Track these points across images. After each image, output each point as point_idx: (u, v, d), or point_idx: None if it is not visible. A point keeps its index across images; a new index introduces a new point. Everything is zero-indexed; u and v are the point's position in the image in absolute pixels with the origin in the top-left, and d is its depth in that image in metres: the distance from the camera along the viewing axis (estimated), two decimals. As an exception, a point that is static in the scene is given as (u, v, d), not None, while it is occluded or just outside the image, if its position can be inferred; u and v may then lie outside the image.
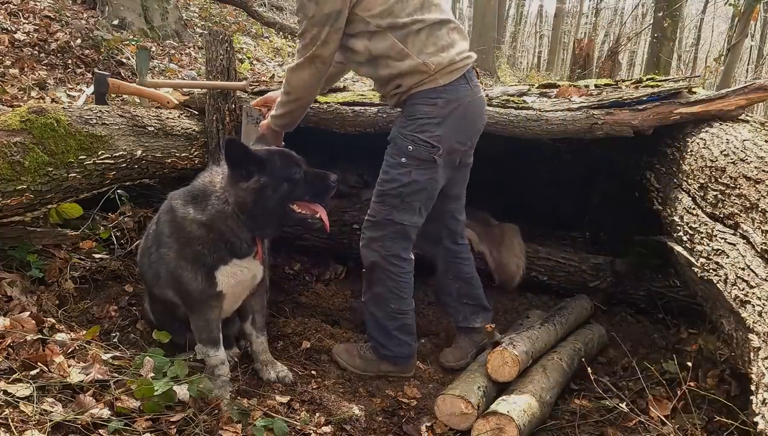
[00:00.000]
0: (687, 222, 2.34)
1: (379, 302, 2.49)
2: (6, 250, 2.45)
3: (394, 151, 2.35)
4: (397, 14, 2.18)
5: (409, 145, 2.28)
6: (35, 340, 2.01)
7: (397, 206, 2.35)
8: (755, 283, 1.79)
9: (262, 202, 2.04)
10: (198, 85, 3.46)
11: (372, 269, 2.45)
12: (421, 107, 2.27)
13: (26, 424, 1.61)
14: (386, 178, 2.36)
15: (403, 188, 2.32)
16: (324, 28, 2.17)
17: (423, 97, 2.27)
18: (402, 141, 2.30)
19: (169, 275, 2.14)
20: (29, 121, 2.40)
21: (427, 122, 2.26)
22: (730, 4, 7.79)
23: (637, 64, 18.90)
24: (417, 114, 2.28)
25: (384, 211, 2.37)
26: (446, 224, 2.69)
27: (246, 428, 1.91)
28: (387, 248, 2.41)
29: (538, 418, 2.28)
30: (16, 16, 5.11)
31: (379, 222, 2.40)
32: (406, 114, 2.33)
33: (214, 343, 2.17)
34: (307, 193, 2.11)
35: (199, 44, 6.57)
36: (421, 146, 2.28)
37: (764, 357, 1.63)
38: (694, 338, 2.81)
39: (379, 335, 2.53)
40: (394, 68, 2.24)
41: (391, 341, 2.52)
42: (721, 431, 2.08)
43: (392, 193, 2.35)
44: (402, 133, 2.31)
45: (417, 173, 2.31)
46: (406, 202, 2.34)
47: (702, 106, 2.59)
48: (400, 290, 2.47)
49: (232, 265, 2.11)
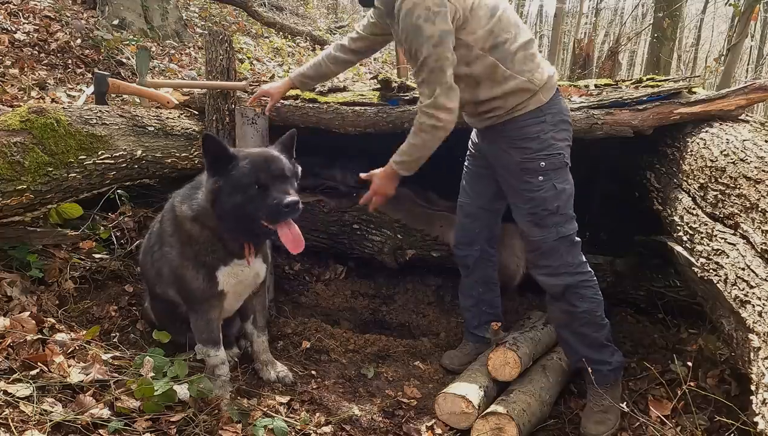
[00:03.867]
0: (687, 222, 2.34)
1: (588, 319, 2.33)
2: (6, 250, 2.45)
3: (526, 175, 2.26)
4: (497, 35, 2.16)
5: (541, 162, 2.23)
6: (35, 340, 2.01)
7: (559, 222, 2.28)
8: (755, 283, 1.79)
9: (219, 206, 1.96)
10: (198, 85, 3.46)
11: (566, 293, 2.32)
12: (530, 129, 2.24)
13: (26, 424, 1.61)
14: (535, 203, 2.27)
15: (556, 202, 2.26)
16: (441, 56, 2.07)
17: (529, 118, 2.23)
18: (531, 163, 2.25)
19: (172, 273, 2.14)
20: (29, 121, 2.39)
21: (543, 138, 2.24)
22: (730, 4, 7.78)
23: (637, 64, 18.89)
24: (530, 135, 2.24)
25: (551, 233, 2.28)
26: (488, 225, 2.68)
27: (246, 428, 1.91)
28: (570, 263, 2.31)
29: (538, 418, 2.28)
30: (16, 16, 5.11)
31: (551, 247, 2.30)
32: (515, 136, 2.26)
33: (215, 343, 2.16)
34: (260, 210, 1.93)
35: (199, 44, 6.56)
36: (551, 157, 2.24)
37: (764, 357, 1.63)
38: (694, 338, 2.81)
39: (595, 353, 2.35)
40: (497, 90, 2.20)
41: (606, 352, 2.37)
42: (722, 432, 2.08)
43: (549, 212, 2.27)
44: (526, 157, 2.25)
45: (558, 182, 2.26)
46: (563, 214, 2.28)
47: (702, 106, 2.59)
48: (597, 293, 2.35)
49: (233, 265, 2.11)
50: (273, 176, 1.95)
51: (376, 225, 3.48)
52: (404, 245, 3.43)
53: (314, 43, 9.02)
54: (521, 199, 2.32)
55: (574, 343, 2.37)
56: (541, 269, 2.35)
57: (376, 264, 3.52)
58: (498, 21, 2.15)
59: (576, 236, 2.33)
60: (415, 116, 2.23)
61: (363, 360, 2.74)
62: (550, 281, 2.34)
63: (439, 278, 3.68)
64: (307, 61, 3.34)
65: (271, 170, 1.96)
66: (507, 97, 2.22)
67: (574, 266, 2.31)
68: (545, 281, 2.36)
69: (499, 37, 2.16)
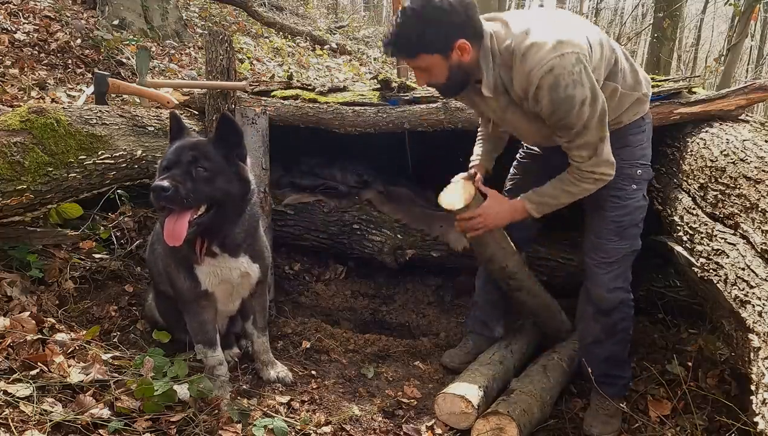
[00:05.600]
0: (687, 222, 2.34)
1: (623, 337, 2.32)
2: (6, 250, 2.45)
3: (621, 181, 2.17)
4: (609, 60, 2.05)
5: (638, 170, 2.19)
6: (35, 340, 2.01)
7: (636, 235, 2.24)
8: (755, 283, 1.79)
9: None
10: (198, 85, 3.46)
11: (615, 310, 2.28)
12: (634, 137, 2.19)
13: (26, 424, 1.61)
14: (625, 212, 2.20)
15: (640, 214, 2.23)
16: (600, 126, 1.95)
17: (633, 127, 2.19)
18: (629, 169, 2.18)
19: (164, 271, 2.15)
20: (29, 121, 2.39)
21: (644, 146, 2.22)
22: (730, 4, 7.78)
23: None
24: (633, 143, 2.19)
25: (625, 246, 2.23)
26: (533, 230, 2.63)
27: (246, 428, 1.90)
28: (626, 279, 2.28)
29: (538, 418, 2.28)
30: (16, 16, 5.10)
31: (620, 259, 2.24)
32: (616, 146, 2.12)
33: (211, 344, 2.15)
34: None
35: (199, 44, 6.56)
36: (646, 167, 2.22)
37: (764, 357, 1.63)
38: (694, 338, 2.81)
39: (617, 369, 2.35)
40: (618, 110, 2.12)
41: (626, 368, 2.40)
42: (722, 432, 2.08)
43: (634, 223, 2.22)
44: (625, 163, 2.17)
45: (646, 194, 2.25)
46: (639, 227, 2.24)
47: (702, 106, 2.59)
48: (632, 312, 2.33)
49: (208, 263, 2.04)
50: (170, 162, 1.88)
51: (376, 225, 3.48)
52: (404, 245, 3.43)
53: (314, 43, 9.01)
54: (609, 207, 2.22)
55: (604, 359, 2.34)
56: (602, 284, 2.27)
57: (376, 264, 3.52)
58: (599, 46, 2.00)
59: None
60: (573, 169, 2.08)
61: (363, 360, 2.74)
62: (607, 295, 2.27)
63: (439, 278, 3.68)
64: (307, 60, 3.32)
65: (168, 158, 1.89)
66: (626, 113, 2.16)
67: (629, 282, 2.30)
68: (602, 295, 2.27)
69: (610, 61, 2.07)
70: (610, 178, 2.08)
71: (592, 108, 1.90)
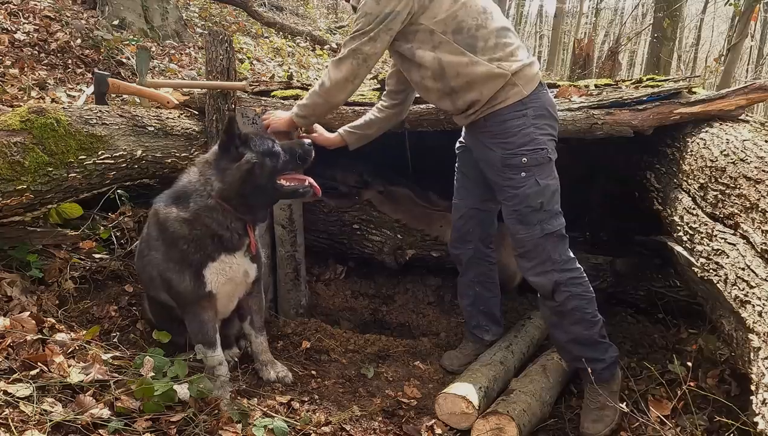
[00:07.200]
0: (687, 222, 2.34)
1: (579, 317, 2.30)
2: (6, 250, 2.45)
3: (509, 171, 2.24)
4: (461, 19, 2.14)
5: (523, 158, 2.20)
6: (35, 340, 2.01)
7: (544, 218, 2.24)
8: (755, 283, 1.79)
9: (252, 181, 2.06)
10: (198, 85, 3.46)
11: (555, 291, 2.28)
12: (512, 122, 2.21)
13: (26, 424, 1.61)
14: (518, 200, 2.25)
15: (539, 198, 2.22)
16: (377, 25, 2.15)
17: (510, 113, 2.20)
18: (513, 158, 2.22)
19: (159, 277, 2.15)
20: (29, 121, 2.39)
21: (526, 132, 2.21)
22: (730, 4, 7.78)
23: (637, 64, 18.88)
24: (512, 129, 2.21)
25: (535, 231, 2.24)
26: (480, 224, 2.67)
27: (246, 428, 1.90)
28: (557, 260, 2.27)
29: (538, 418, 2.28)
30: (16, 16, 5.10)
31: (536, 244, 2.26)
32: (496, 132, 2.24)
33: (211, 344, 2.16)
34: (289, 162, 2.15)
35: (199, 44, 6.56)
36: (533, 152, 2.21)
37: (764, 357, 1.63)
38: (694, 338, 2.81)
39: (588, 351, 2.32)
40: (467, 76, 2.17)
41: (600, 349, 2.34)
42: (722, 432, 2.08)
43: (533, 209, 2.23)
44: (508, 152, 2.23)
45: (541, 178, 2.22)
46: (547, 210, 2.24)
47: (702, 106, 2.59)
48: (588, 290, 2.31)
49: (221, 261, 2.10)
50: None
51: (376, 225, 3.48)
52: (404, 245, 3.43)
53: (314, 43, 9.01)
54: (505, 196, 2.30)
55: (567, 342, 2.35)
56: (529, 268, 2.32)
57: (376, 264, 3.52)
58: (462, 6, 2.15)
59: (563, 232, 2.30)
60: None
61: (363, 360, 2.74)
62: (538, 279, 2.30)
63: (439, 278, 3.68)
64: (307, 60, 3.33)
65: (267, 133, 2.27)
66: (479, 85, 2.18)
67: (562, 262, 2.28)
68: (534, 280, 2.33)
69: (464, 22, 2.15)
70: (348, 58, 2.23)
71: (374, 6, 2.14)
